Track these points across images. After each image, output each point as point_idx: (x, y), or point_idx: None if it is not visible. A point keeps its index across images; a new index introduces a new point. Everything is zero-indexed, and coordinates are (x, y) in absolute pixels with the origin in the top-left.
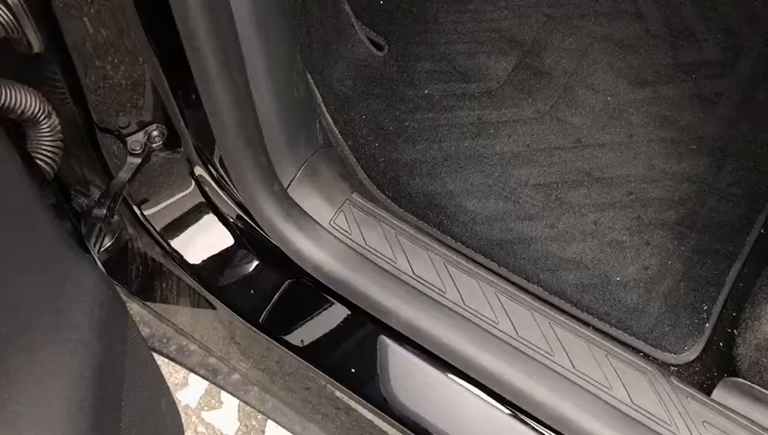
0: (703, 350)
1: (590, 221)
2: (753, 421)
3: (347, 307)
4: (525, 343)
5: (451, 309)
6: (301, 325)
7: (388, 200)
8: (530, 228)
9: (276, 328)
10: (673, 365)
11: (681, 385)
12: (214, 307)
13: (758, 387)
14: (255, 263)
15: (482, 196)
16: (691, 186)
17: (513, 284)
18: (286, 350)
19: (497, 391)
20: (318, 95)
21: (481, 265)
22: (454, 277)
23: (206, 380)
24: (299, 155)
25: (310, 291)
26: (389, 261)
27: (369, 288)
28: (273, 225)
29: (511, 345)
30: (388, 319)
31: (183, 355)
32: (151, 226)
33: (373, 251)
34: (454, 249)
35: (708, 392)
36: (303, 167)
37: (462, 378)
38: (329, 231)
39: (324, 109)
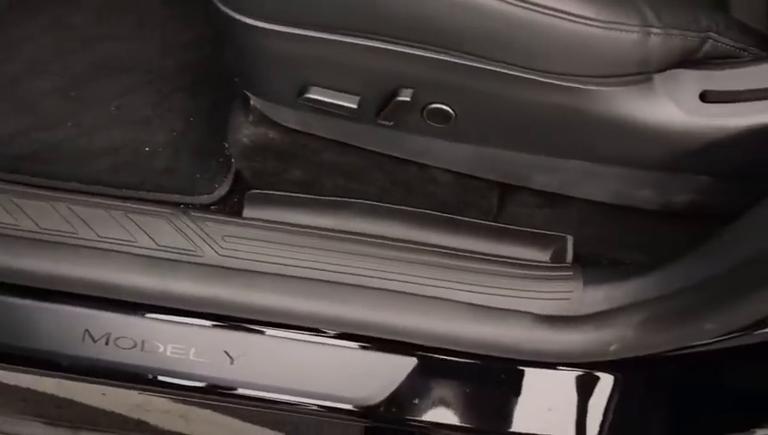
0: (233, 183)
1: (113, 108)
2: (267, 220)
3: None
4: (49, 231)
5: None
6: None
7: None
8: (56, 133)
9: None
10: (213, 205)
11: (201, 214)
12: None
13: (265, 191)
14: None
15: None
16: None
17: (38, 186)
18: None
19: (51, 288)
20: None
21: (5, 180)
22: None
23: None
24: None
25: None
26: None
27: None
28: None
29: (39, 240)
30: None
31: None
32: None
33: None
34: None
35: None
36: None
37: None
38: None
39: None
